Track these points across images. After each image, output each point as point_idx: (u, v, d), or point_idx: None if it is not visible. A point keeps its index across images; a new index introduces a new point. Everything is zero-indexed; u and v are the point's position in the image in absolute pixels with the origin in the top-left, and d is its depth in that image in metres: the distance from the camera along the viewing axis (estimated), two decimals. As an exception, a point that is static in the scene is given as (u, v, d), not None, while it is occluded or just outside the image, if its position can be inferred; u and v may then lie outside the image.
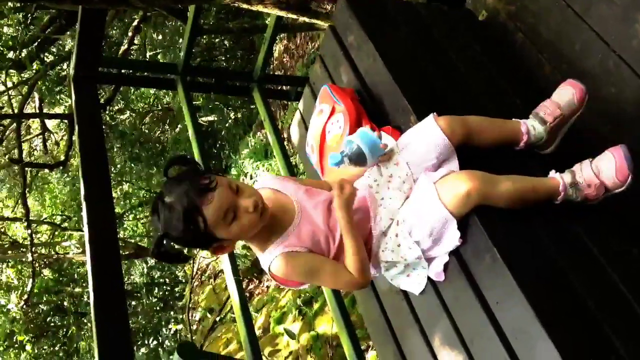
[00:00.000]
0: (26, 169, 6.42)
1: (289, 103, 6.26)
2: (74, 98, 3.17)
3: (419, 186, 1.54)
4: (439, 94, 1.86)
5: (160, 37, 6.80)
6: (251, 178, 6.42)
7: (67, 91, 6.14)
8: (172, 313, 8.48)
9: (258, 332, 5.47)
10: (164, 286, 9.02)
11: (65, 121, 6.52)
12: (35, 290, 7.37)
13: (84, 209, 2.70)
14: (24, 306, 7.30)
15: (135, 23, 6.07)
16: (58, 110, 7.55)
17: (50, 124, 8.08)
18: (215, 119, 7.60)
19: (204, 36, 6.45)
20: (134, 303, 8.37)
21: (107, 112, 7.21)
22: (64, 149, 6.47)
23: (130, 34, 6.04)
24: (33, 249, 6.36)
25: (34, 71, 5.94)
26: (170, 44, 6.64)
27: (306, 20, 3.28)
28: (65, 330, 7.75)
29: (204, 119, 7.53)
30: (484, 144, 1.60)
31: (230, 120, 7.52)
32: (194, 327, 7.41)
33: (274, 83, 4.88)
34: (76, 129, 3.12)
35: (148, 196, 8.40)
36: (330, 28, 2.21)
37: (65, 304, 7.86)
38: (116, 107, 7.76)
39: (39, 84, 5.95)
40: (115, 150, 7.68)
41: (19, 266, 7.94)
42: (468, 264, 1.47)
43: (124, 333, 2.43)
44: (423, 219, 1.47)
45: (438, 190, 1.44)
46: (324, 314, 4.72)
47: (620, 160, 1.48)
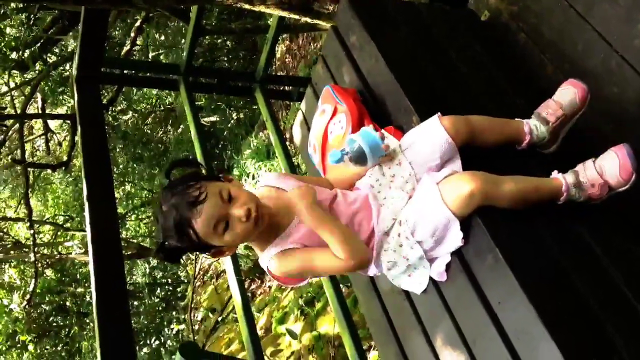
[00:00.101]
0: (29, 169, 6.42)
1: (291, 103, 6.26)
2: (76, 98, 3.17)
3: (421, 186, 1.54)
4: (439, 94, 1.86)
5: (162, 38, 6.82)
6: (253, 178, 6.42)
7: (70, 92, 6.14)
8: (174, 313, 8.49)
9: (260, 332, 5.47)
10: (166, 286, 9.04)
11: (68, 122, 6.52)
12: (38, 290, 7.39)
13: (87, 209, 2.70)
14: (27, 306, 7.32)
15: (137, 23, 6.07)
16: (61, 111, 7.56)
17: (53, 124, 8.10)
18: (218, 119, 7.62)
19: (207, 37, 6.45)
20: (136, 303, 8.40)
21: (110, 113, 7.22)
22: (66, 149, 6.47)
23: (132, 34, 6.04)
24: (35, 249, 6.36)
25: (36, 72, 5.97)
26: (173, 45, 6.65)
27: (308, 20, 3.28)
28: (67, 330, 7.78)
29: (206, 119, 7.54)
30: (487, 144, 1.60)
31: (232, 121, 7.53)
32: (196, 327, 7.42)
33: (277, 83, 4.88)
34: (79, 129, 3.12)
35: (150, 196, 8.41)
36: (333, 28, 2.21)
37: (68, 304, 7.89)
38: (119, 108, 7.77)
39: (42, 84, 5.96)
40: (118, 150, 7.70)
41: (22, 266, 7.95)
42: (470, 264, 1.47)
43: (126, 333, 2.43)
44: (426, 219, 1.47)
45: (441, 191, 1.44)
46: (326, 314, 4.72)
47: (623, 158, 1.48)
